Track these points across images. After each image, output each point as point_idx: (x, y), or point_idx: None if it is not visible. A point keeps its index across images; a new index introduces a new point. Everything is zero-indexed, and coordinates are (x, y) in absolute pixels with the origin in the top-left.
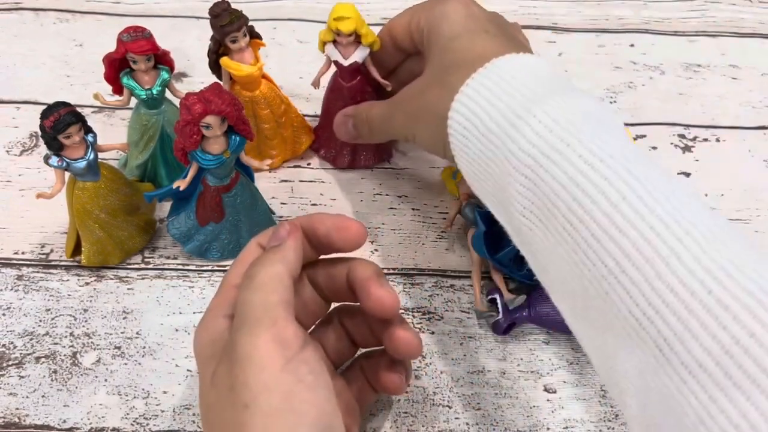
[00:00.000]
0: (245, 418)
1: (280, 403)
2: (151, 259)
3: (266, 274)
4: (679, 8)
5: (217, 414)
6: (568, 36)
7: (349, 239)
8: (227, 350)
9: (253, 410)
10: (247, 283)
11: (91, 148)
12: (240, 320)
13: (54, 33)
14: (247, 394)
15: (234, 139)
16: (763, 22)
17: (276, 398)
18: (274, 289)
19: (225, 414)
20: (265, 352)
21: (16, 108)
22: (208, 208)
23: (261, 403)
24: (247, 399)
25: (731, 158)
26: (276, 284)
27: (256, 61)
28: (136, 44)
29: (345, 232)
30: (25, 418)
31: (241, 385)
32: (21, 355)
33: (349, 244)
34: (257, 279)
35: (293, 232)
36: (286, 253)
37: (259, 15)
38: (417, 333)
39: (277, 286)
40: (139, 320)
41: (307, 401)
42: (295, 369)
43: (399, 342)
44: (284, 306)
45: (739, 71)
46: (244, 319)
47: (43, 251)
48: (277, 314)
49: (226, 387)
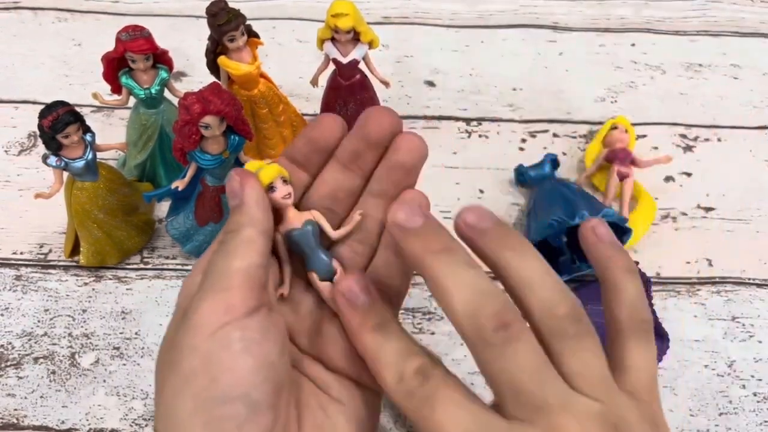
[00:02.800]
0: (167, 375)
1: (197, 366)
2: (150, 260)
3: (233, 242)
4: (680, 8)
5: (157, 367)
6: (569, 35)
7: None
8: (187, 306)
9: (175, 370)
10: (217, 248)
11: (89, 147)
12: (201, 284)
13: (53, 32)
14: (176, 354)
15: (233, 139)
16: (764, 21)
17: (195, 361)
18: (240, 254)
19: (160, 368)
20: (202, 317)
21: (14, 108)
22: (207, 209)
23: (183, 364)
24: (175, 358)
25: (732, 158)
26: (243, 249)
27: (254, 60)
28: (135, 43)
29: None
30: (24, 418)
31: (176, 344)
32: (19, 356)
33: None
34: (226, 246)
35: (245, 180)
36: (249, 210)
37: (258, 14)
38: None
39: (245, 251)
40: (137, 321)
41: (227, 368)
42: (227, 335)
43: (401, 143)
44: (244, 272)
45: (740, 71)
46: (203, 283)
47: (42, 251)
48: (232, 281)
49: (168, 343)
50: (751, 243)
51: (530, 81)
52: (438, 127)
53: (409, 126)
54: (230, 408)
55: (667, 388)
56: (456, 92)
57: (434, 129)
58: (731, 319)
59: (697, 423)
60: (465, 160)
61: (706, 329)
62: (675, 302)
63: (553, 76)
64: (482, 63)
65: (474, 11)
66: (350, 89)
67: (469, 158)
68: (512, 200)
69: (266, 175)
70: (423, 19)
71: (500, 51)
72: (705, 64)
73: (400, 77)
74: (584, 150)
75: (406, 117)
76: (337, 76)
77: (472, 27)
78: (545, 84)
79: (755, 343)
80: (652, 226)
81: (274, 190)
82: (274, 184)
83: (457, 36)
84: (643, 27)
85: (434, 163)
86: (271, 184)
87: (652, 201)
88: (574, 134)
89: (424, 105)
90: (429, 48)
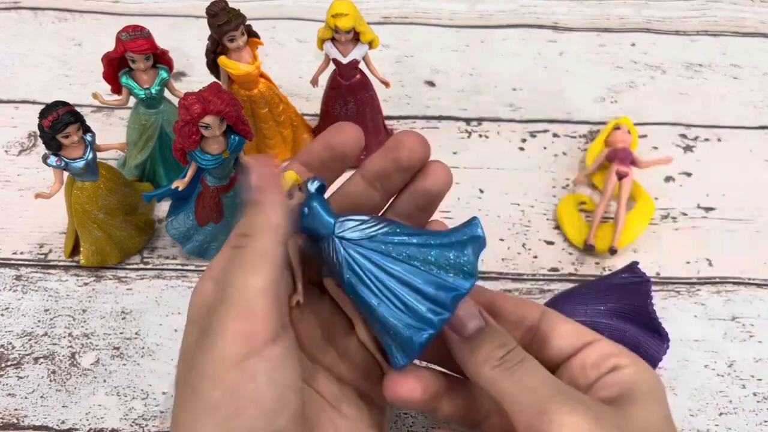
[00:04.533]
0: (189, 398)
1: (220, 397)
2: (150, 260)
3: (251, 253)
4: (680, 7)
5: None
6: (569, 35)
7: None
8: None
9: (197, 395)
10: (232, 256)
11: (89, 147)
12: (220, 298)
13: (53, 32)
14: (197, 379)
15: (233, 139)
16: (764, 21)
17: (218, 392)
18: (259, 270)
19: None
20: (226, 347)
21: (14, 107)
22: (207, 209)
23: (205, 392)
24: (196, 384)
25: (732, 158)
26: (262, 264)
27: (254, 60)
28: (135, 43)
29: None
30: (24, 418)
31: (196, 368)
32: (20, 356)
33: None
34: (243, 257)
35: (267, 178)
36: (269, 213)
37: (258, 14)
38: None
39: (264, 267)
40: (138, 321)
41: (251, 400)
42: (251, 366)
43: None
44: (264, 293)
45: (740, 71)
46: (221, 301)
47: (42, 251)
48: (253, 305)
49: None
50: (751, 243)
51: (530, 81)
52: (438, 127)
53: (409, 126)
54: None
55: (667, 388)
56: (456, 92)
57: (434, 129)
58: (731, 319)
59: (697, 423)
60: (465, 160)
61: (706, 329)
62: (675, 302)
63: (553, 76)
64: (482, 63)
65: (474, 11)
66: (350, 89)
67: (469, 158)
68: (512, 200)
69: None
70: (423, 18)
71: (500, 51)
72: (705, 64)
73: (400, 77)
74: (584, 150)
75: (406, 117)
76: (337, 76)
77: (472, 27)
78: (545, 84)
79: (755, 343)
80: (653, 226)
81: (291, 197)
82: (292, 191)
83: (457, 36)
84: (643, 27)
85: None
86: (290, 191)
87: (650, 201)
88: (574, 134)
89: (424, 105)
90: (429, 48)
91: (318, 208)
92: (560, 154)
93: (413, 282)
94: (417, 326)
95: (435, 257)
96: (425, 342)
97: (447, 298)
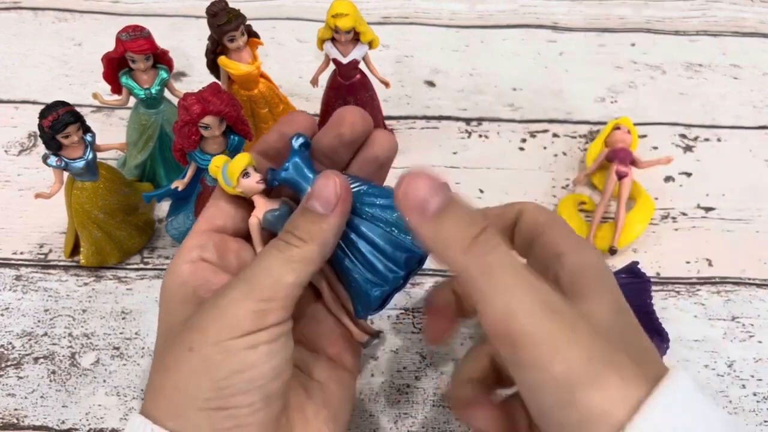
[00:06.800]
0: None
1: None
2: (150, 260)
3: (299, 253)
4: (680, 7)
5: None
6: (569, 35)
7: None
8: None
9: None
10: (277, 245)
11: (89, 147)
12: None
13: (53, 32)
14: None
15: (233, 139)
16: (764, 21)
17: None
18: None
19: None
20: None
21: (14, 108)
22: None
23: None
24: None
25: (732, 158)
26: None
27: (254, 60)
28: (135, 43)
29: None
30: (24, 418)
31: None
32: (20, 356)
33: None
34: (289, 252)
35: (345, 195)
36: (331, 228)
37: (258, 14)
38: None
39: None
40: (138, 321)
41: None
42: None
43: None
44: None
45: (740, 71)
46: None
47: (42, 251)
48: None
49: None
50: (751, 243)
51: (530, 81)
52: (438, 127)
53: (409, 126)
54: (247, 397)
55: None
56: (456, 92)
57: (434, 129)
58: (731, 319)
59: None
60: (465, 160)
61: (706, 329)
62: (675, 302)
63: (553, 76)
64: (482, 63)
65: (474, 11)
66: (350, 89)
67: (469, 158)
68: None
69: (241, 161)
70: (423, 18)
71: (500, 51)
72: (705, 64)
73: (400, 77)
74: (584, 150)
75: (406, 117)
76: (337, 76)
77: (472, 27)
78: (545, 84)
79: (755, 343)
80: (652, 226)
81: (248, 175)
82: (248, 170)
83: (457, 36)
84: (643, 27)
85: (434, 163)
86: (245, 170)
87: (650, 201)
88: (574, 134)
89: (424, 105)
90: (429, 48)
91: (300, 163)
92: (560, 154)
93: (375, 240)
94: (375, 282)
95: (396, 219)
96: (380, 297)
97: (401, 257)
